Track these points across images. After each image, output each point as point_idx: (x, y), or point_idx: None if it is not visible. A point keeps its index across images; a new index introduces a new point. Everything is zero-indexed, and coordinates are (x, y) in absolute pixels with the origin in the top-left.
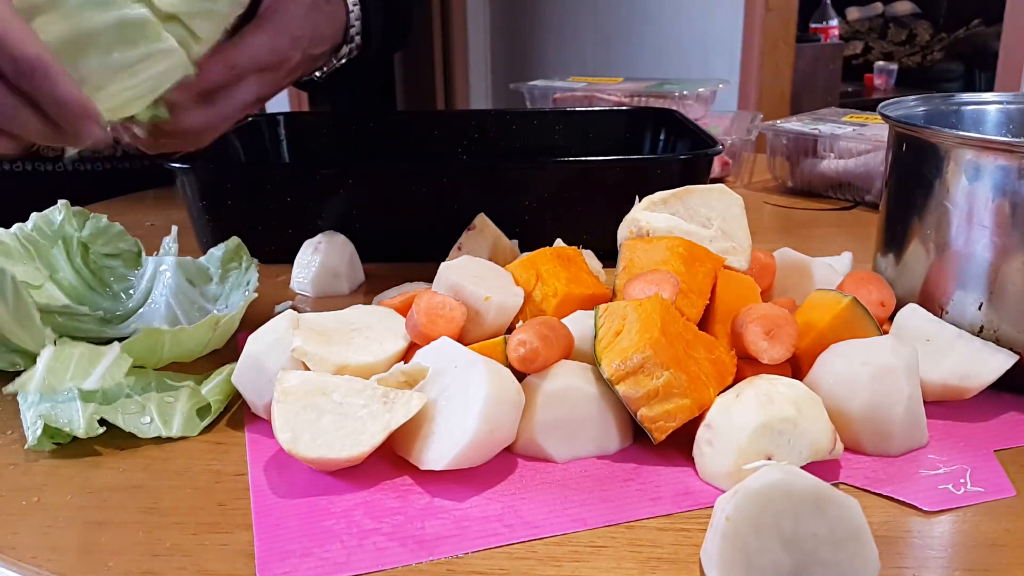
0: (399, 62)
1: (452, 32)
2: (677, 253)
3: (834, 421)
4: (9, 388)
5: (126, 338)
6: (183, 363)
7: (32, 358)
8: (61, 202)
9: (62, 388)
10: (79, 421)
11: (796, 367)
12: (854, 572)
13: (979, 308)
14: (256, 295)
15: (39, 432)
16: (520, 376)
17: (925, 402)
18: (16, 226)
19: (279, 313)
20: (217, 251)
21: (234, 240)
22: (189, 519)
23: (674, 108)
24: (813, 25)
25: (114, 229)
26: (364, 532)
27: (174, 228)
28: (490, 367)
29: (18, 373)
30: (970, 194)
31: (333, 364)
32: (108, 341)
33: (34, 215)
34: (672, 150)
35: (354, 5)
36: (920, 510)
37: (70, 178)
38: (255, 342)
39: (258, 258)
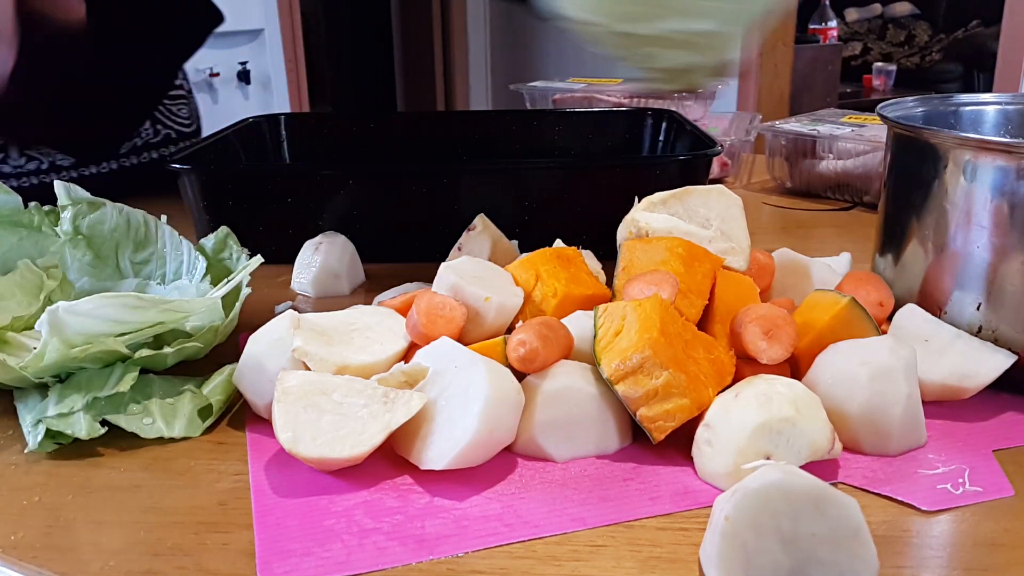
0: (399, 62)
1: (452, 32)
2: (676, 254)
3: (833, 421)
4: (30, 419)
5: None
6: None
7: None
8: (32, 204)
9: (79, 407)
10: (80, 423)
11: (795, 367)
12: (853, 572)
13: (977, 308)
14: (250, 290)
15: (40, 437)
16: (520, 376)
17: (924, 402)
18: None
19: (280, 313)
20: (207, 242)
21: (223, 230)
22: (190, 519)
23: (673, 109)
24: (812, 26)
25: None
26: (364, 532)
27: (163, 216)
28: (490, 367)
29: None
30: (968, 194)
31: (333, 364)
32: None
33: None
34: (671, 151)
35: None
36: (919, 510)
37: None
38: (256, 342)
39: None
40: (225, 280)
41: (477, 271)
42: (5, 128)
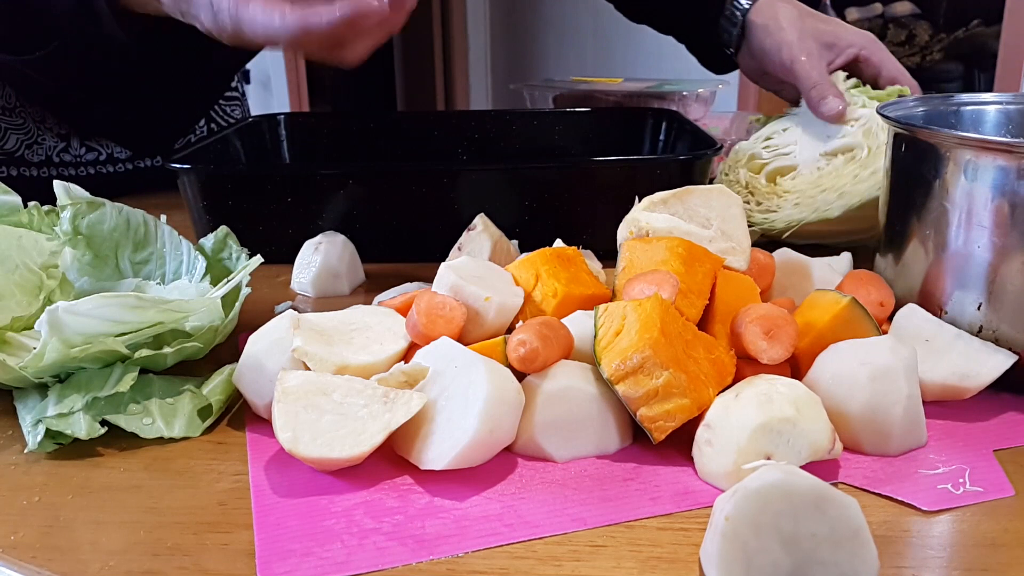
0: (399, 62)
1: (452, 32)
2: (677, 253)
3: (833, 421)
4: (30, 419)
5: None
6: (186, 363)
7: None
8: (32, 204)
9: (79, 407)
10: (80, 423)
11: (795, 367)
12: (853, 572)
13: (978, 308)
14: (249, 290)
15: (40, 437)
16: (520, 376)
17: (924, 402)
18: None
19: (279, 313)
20: (207, 241)
21: (223, 230)
22: (190, 519)
23: (674, 108)
24: None
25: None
26: (364, 532)
27: (163, 216)
28: (490, 367)
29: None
30: (969, 194)
31: (333, 364)
32: None
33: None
34: (672, 151)
35: None
36: (919, 510)
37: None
38: (256, 342)
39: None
40: (225, 280)
41: (477, 271)
42: (69, 118)
